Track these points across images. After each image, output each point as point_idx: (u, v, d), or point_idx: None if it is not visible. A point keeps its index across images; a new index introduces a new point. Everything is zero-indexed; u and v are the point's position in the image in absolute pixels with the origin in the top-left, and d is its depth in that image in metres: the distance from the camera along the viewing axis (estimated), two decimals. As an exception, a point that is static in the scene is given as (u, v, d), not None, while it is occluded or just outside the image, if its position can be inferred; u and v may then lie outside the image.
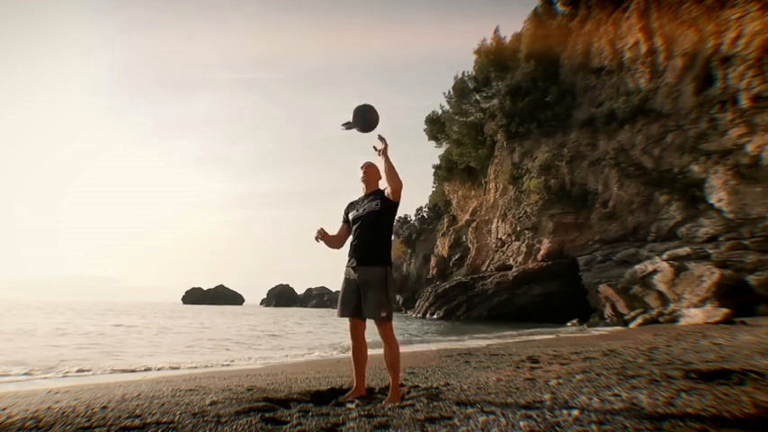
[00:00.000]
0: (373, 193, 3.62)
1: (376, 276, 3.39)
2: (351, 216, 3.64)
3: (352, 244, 3.58)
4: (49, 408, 3.21)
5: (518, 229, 27.92)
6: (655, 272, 19.43)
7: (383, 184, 3.60)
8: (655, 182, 22.26)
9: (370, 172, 3.69)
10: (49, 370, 7.02)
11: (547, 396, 3.21)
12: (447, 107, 39.34)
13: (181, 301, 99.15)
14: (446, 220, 42.41)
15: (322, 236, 3.61)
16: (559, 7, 31.62)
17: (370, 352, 3.64)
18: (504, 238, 29.56)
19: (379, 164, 3.58)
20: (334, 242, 3.69)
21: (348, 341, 3.66)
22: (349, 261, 3.55)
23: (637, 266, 20.51)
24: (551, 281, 24.56)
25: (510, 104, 30.46)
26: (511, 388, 3.67)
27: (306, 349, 10.98)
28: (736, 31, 19.84)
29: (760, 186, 18.13)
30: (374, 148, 3.57)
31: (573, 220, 24.87)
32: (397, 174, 3.44)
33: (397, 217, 3.99)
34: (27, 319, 22.81)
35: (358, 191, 3.78)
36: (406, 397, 3.49)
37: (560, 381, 3.89)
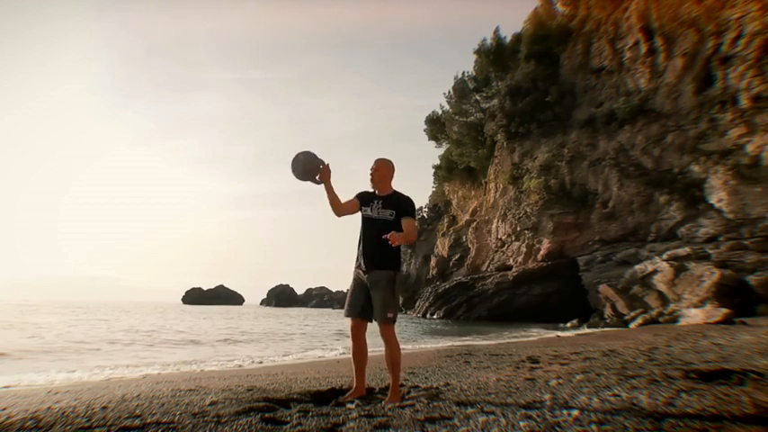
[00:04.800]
0: (387, 198, 3.56)
1: (384, 278, 3.44)
2: (363, 212, 3.60)
3: (361, 246, 3.56)
4: (49, 408, 3.22)
5: (518, 229, 27.92)
6: (655, 272, 19.42)
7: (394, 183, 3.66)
8: (655, 182, 22.25)
9: (381, 171, 3.61)
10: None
11: (547, 396, 3.21)
12: (447, 107, 39.37)
13: (181, 301, 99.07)
14: (446, 220, 42.40)
15: (327, 177, 3.53)
16: (559, 7, 31.65)
17: (369, 353, 3.64)
18: (504, 238, 29.56)
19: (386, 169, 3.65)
20: (335, 204, 3.56)
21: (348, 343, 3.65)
22: (358, 263, 3.56)
23: (637, 266, 20.50)
24: (551, 281, 24.56)
25: (510, 104, 30.46)
26: (511, 388, 3.67)
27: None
28: (736, 31, 19.84)
29: (760, 186, 18.13)
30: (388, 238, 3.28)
31: (573, 220, 24.87)
32: (411, 238, 3.45)
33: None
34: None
35: (358, 191, 3.71)
36: (406, 397, 3.49)
37: (560, 381, 3.89)
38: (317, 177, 3.54)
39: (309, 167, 3.53)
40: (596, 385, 3.58)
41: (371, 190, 3.67)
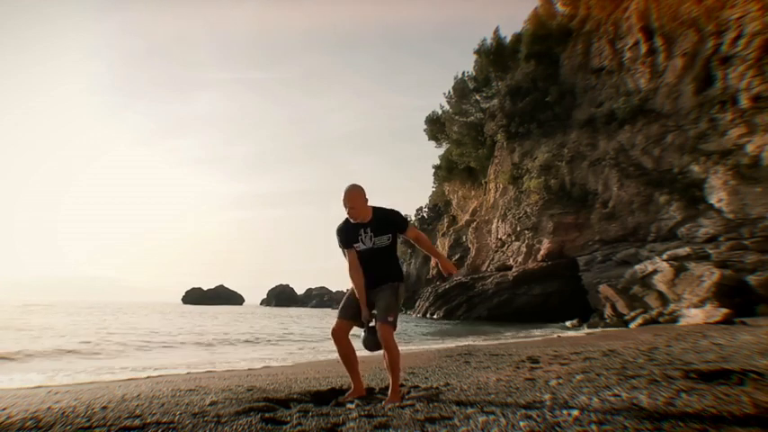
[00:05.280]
0: (373, 223, 3.47)
1: (389, 287, 3.50)
2: (358, 249, 3.50)
3: (366, 272, 3.53)
4: (49, 408, 3.22)
5: (518, 229, 27.92)
6: (655, 272, 19.42)
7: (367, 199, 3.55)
8: (655, 182, 22.25)
9: (357, 208, 3.42)
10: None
11: (547, 396, 3.21)
12: (447, 107, 39.37)
13: (181, 302, 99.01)
14: (446, 220, 42.41)
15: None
16: (559, 7, 31.62)
17: (368, 353, 3.63)
18: (504, 238, 29.55)
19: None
20: (361, 280, 3.52)
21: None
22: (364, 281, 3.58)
23: (637, 266, 20.50)
24: (551, 281, 24.55)
25: (510, 104, 30.45)
26: (511, 388, 3.67)
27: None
28: (736, 31, 19.83)
29: (760, 186, 18.12)
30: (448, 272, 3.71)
31: (573, 220, 24.86)
32: (427, 239, 3.81)
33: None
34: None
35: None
36: (406, 397, 3.49)
37: (560, 381, 3.88)
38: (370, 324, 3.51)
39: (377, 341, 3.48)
40: (596, 385, 3.57)
41: (349, 219, 3.49)
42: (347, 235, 3.52)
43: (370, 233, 3.47)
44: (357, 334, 3.63)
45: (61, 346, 11.02)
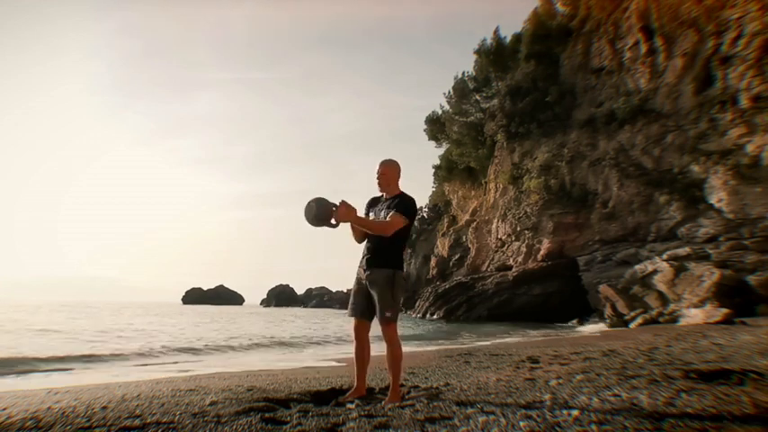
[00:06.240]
0: (391, 200, 3.55)
1: (383, 277, 3.42)
2: (371, 217, 3.61)
3: (365, 247, 3.58)
4: (49, 408, 3.22)
5: (518, 229, 27.92)
6: (655, 272, 19.42)
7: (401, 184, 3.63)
8: (655, 182, 22.24)
9: (387, 175, 3.57)
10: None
11: (547, 396, 3.21)
12: (447, 107, 39.36)
13: (181, 302, 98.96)
14: (446, 220, 42.37)
15: (345, 217, 3.33)
16: (559, 7, 31.61)
17: (382, 352, 3.63)
18: (504, 238, 29.55)
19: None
20: (357, 234, 3.59)
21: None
22: (361, 262, 3.58)
23: (637, 266, 20.50)
24: (551, 281, 24.55)
25: (510, 104, 30.43)
26: (511, 388, 3.67)
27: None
28: (736, 31, 19.83)
29: (760, 186, 18.12)
30: (333, 225, 3.38)
31: (573, 220, 24.86)
32: (375, 226, 3.41)
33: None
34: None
35: (357, 192, 3.74)
36: (406, 397, 3.49)
37: (560, 381, 3.88)
38: (332, 221, 3.42)
39: (321, 215, 3.39)
40: (596, 385, 3.58)
41: (380, 194, 3.68)
42: (370, 203, 3.72)
43: (384, 208, 3.55)
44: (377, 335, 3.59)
45: (73, 349, 10.96)
